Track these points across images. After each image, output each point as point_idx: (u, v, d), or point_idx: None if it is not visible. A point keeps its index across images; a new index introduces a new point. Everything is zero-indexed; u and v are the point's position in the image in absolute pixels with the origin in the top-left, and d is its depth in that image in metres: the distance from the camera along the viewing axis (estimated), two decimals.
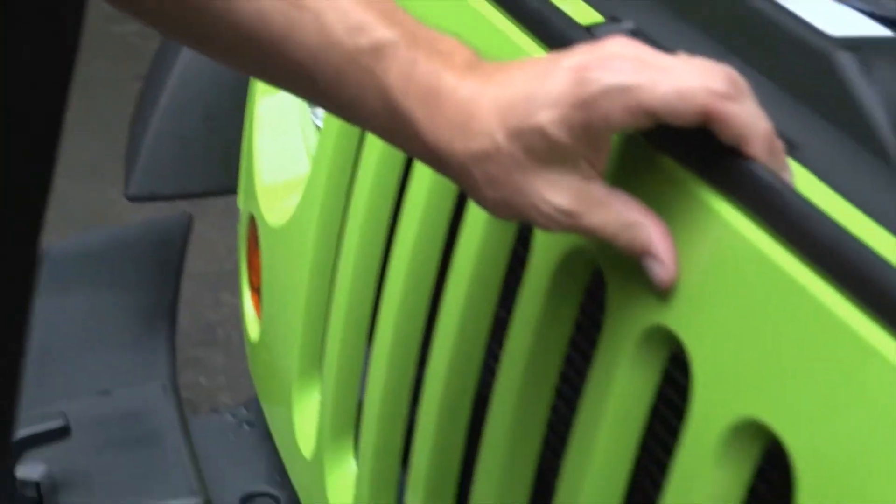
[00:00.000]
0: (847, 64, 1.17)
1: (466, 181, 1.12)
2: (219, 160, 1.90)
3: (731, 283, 1.07)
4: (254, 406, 1.87)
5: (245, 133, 1.84)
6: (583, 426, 1.18)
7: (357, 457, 1.57)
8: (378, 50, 1.09)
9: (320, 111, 1.69)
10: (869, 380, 0.96)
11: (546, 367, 1.26)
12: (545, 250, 1.24)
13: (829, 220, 1.00)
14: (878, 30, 1.25)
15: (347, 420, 1.59)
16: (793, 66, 1.20)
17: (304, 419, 1.68)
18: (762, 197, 1.04)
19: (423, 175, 1.42)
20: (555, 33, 1.21)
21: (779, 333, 1.03)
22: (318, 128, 1.69)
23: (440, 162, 1.12)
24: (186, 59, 1.92)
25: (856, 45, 1.19)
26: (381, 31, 1.10)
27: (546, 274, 1.24)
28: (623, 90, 1.02)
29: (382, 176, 1.51)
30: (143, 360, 1.88)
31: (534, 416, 1.28)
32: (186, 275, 2.03)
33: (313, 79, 1.13)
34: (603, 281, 1.18)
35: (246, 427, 1.88)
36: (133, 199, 1.89)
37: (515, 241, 1.30)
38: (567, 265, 1.22)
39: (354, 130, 1.59)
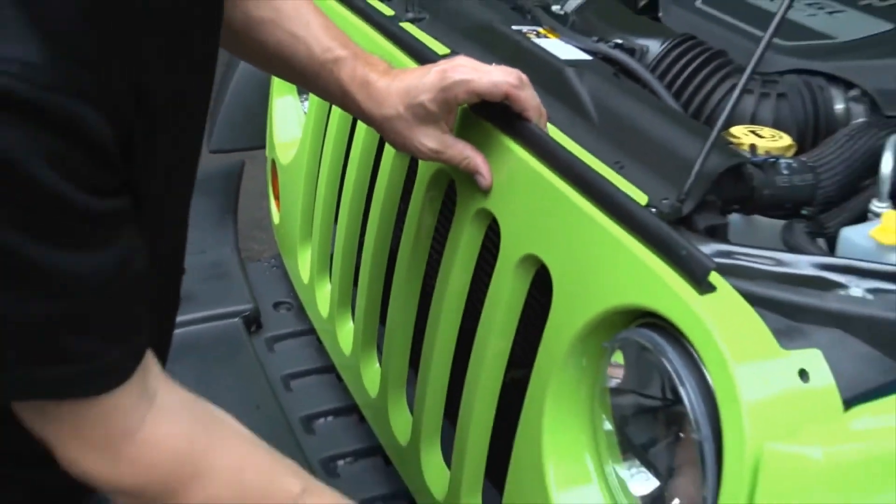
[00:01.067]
0: (571, 74, 1.17)
1: (383, 133, 1.12)
2: (256, 131, 1.87)
3: (518, 184, 1.07)
4: (278, 258, 1.86)
5: (268, 116, 1.81)
6: (445, 264, 1.19)
7: (330, 280, 1.55)
8: (337, 61, 1.10)
9: (306, 104, 1.66)
10: (584, 231, 0.96)
11: (426, 231, 1.26)
12: (424, 170, 1.23)
13: (565, 149, 1.01)
14: (585, 56, 1.25)
15: (325, 261, 1.58)
16: (545, 75, 1.20)
17: (303, 263, 1.66)
18: (533, 139, 1.04)
19: (360, 133, 1.40)
20: (429, 57, 1.20)
21: (543, 208, 1.03)
22: (305, 113, 1.67)
23: (370, 121, 1.12)
24: (238, 77, 1.89)
25: (574, 64, 1.19)
26: (339, 51, 1.10)
27: (424, 183, 1.23)
28: (465, 82, 1.05)
29: (338, 135, 1.50)
30: (220, 236, 1.86)
31: (419, 259, 1.28)
32: (243, 193, 2.00)
33: (304, 76, 1.13)
34: (454, 187, 1.17)
35: (275, 268, 1.87)
36: (212, 152, 1.87)
37: (409, 167, 1.29)
38: (435, 178, 1.21)
39: (322, 115, 1.56)
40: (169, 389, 0.88)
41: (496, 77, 1.05)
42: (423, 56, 1.24)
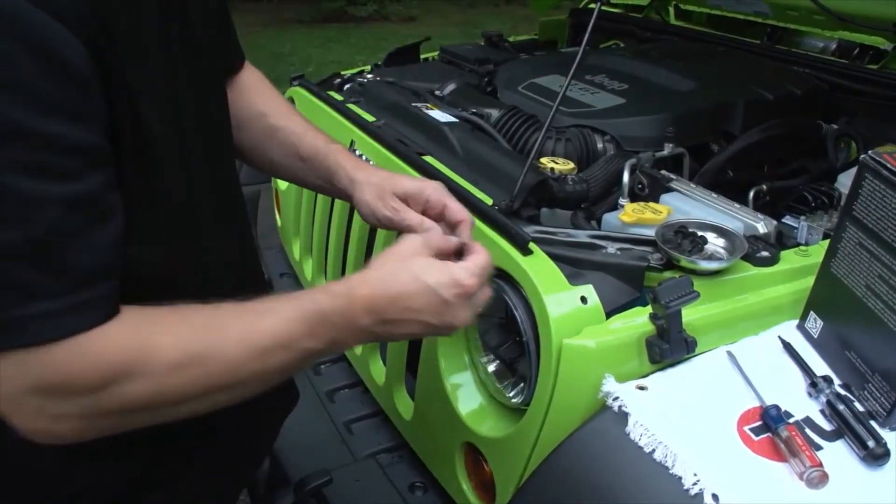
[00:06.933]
0: (446, 130, 1.14)
1: (355, 203, 0.82)
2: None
3: None
4: (282, 247, 1.77)
5: None
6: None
7: (311, 257, 1.47)
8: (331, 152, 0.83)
9: None
10: None
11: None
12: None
13: (444, 175, 0.97)
14: (454, 119, 1.21)
15: (307, 247, 1.50)
16: (431, 131, 1.15)
17: (295, 248, 1.58)
18: (428, 169, 0.99)
19: None
20: (363, 123, 1.13)
21: None
22: None
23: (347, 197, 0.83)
24: None
25: (448, 124, 1.16)
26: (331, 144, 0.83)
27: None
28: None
29: None
30: None
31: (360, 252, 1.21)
32: (260, 211, 1.89)
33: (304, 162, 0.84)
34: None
35: (280, 253, 1.77)
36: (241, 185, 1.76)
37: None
38: None
39: None
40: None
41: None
42: (359, 122, 1.18)
